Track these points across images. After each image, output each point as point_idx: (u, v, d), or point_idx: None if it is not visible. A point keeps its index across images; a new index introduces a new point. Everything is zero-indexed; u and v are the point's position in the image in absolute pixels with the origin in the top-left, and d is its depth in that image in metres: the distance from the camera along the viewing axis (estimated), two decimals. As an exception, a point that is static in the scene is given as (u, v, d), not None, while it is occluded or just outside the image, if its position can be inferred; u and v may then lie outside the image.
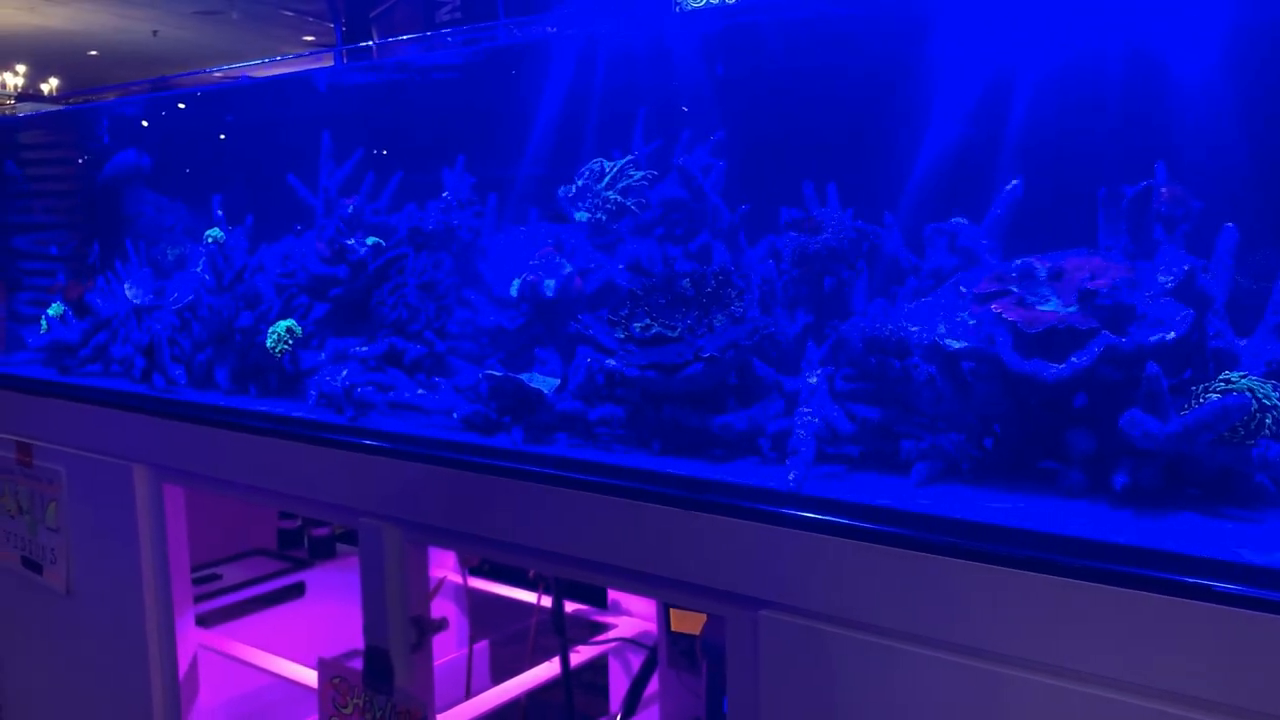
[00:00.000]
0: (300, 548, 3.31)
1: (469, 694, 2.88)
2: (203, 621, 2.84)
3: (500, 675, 3.07)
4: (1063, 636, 1.28)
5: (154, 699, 2.57)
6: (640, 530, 1.64)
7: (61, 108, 3.83)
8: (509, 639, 3.07)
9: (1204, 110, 1.71)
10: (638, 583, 1.72)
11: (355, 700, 2.11)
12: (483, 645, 3.02)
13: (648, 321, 1.79)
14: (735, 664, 1.59)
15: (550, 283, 2.03)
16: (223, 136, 2.87)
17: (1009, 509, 1.41)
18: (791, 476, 1.53)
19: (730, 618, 1.58)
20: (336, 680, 2.15)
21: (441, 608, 3.09)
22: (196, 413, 2.36)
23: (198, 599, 2.84)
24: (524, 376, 1.88)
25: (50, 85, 17.91)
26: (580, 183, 2.14)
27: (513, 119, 2.39)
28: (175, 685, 2.54)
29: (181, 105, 3.12)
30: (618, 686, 2.70)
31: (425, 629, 2.05)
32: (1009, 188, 1.70)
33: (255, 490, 2.28)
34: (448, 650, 3.11)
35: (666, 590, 1.68)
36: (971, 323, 1.55)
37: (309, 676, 2.47)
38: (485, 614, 3.03)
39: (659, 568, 1.64)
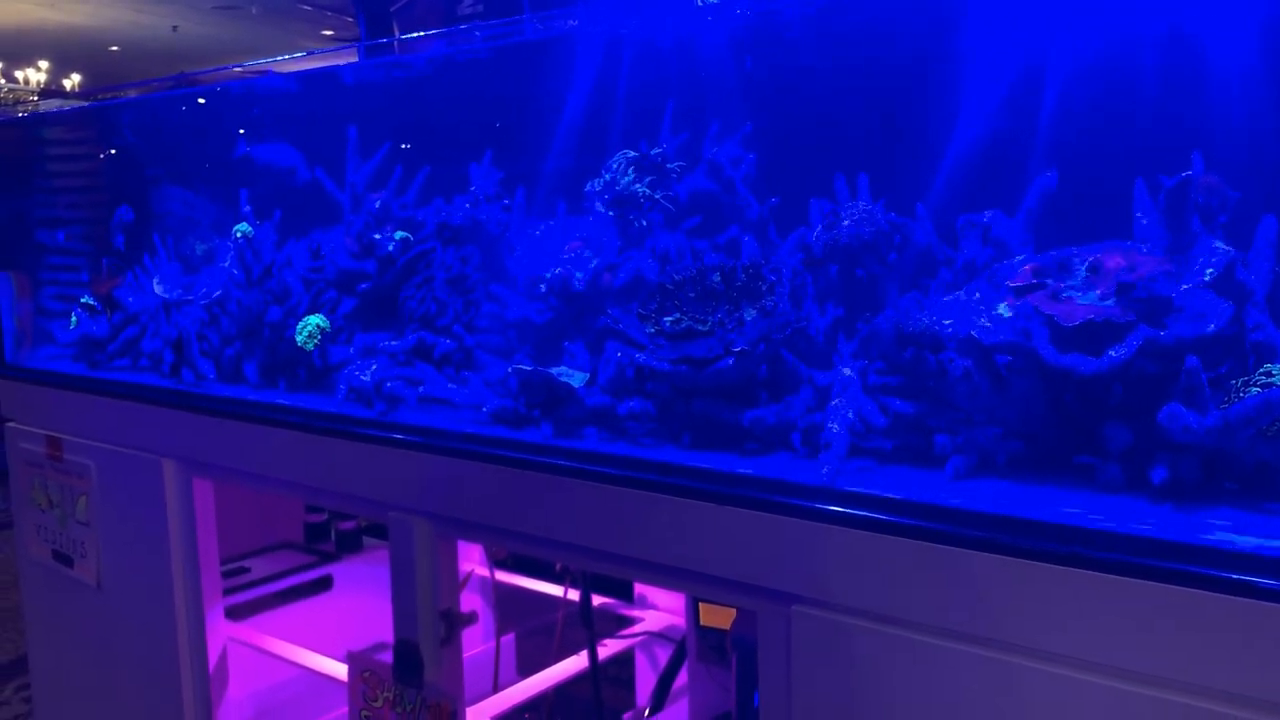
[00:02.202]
0: (327, 541, 3.33)
1: (496, 687, 2.89)
2: (231, 615, 2.85)
3: (527, 668, 3.08)
4: (1099, 632, 1.27)
5: (184, 692, 2.58)
6: (671, 524, 1.64)
7: (85, 104, 3.84)
8: (535, 632, 3.07)
9: (1241, 98, 1.69)
10: (668, 577, 1.71)
11: (385, 694, 2.12)
12: (509, 639, 3.03)
13: (678, 316, 1.79)
14: (767, 659, 1.59)
15: (579, 276, 2.03)
16: (245, 131, 2.88)
17: (1044, 504, 1.40)
18: (825, 470, 1.53)
19: (762, 613, 1.58)
20: (366, 674, 2.15)
21: (468, 601, 3.10)
22: (226, 407, 2.37)
23: (226, 592, 2.86)
24: (553, 371, 1.88)
25: (73, 81, 18.03)
26: (607, 176, 2.13)
27: (539, 112, 2.38)
28: (205, 678, 2.55)
29: (203, 100, 3.13)
30: (644, 680, 2.70)
31: (455, 623, 2.05)
32: (1042, 179, 1.69)
33: (285, 484, 2.29)
34: (474, 644, 3.12)
35: (697, 585, 1.68)
36: (1007, 316, 1.54)
37: (338, 670, 2.48)
38: (511, 607, 3.04)
39: (690, 562, 1.64)
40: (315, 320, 2.29)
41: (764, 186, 2.07)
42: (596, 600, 2.62)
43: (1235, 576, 1.18)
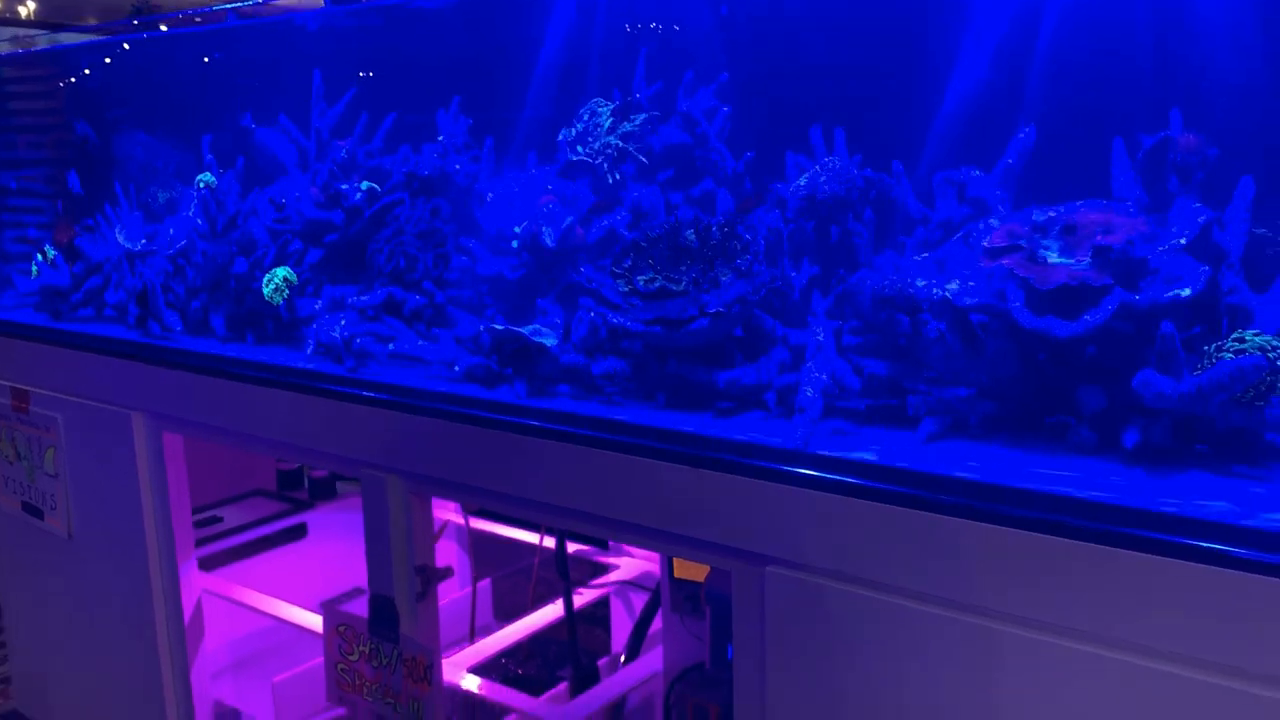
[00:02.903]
0: (300, 488, 3.32)
1: (473, 632, 2.91)
2: (205, 565, 2.85)
3: (503, 613, 3.11)
4: (1065, 596, 1.28)
5: (159, 643, 2.59)
6: (645, 486, 1.64)
7: (38, 48, 3.71)
8: (511, 577, 3.10)
9: (1221, 53, 1.67)
10: (643, 537, 1.72)
11: (361, 648, 2.13)
12: (485, 584, 3.05)
13: (651, 275, 1.77)
14: (741, 618, 1.60)
15: (550, 231, 1.99)
16: (210, 75, 2.80)
17: (1017, 467, 1.41)
18: (799, 434, 1.52)
19: (736, 572, 1.59)
20: (342, 628, 2.16)
21: (444, 548, 3.11)
22: (195, 361, 2.33)
23: (199, 542, 2.85)
24: (526, 330, 1.86)
25: (28, 9, 17.45)
26: (580, 126, 2.09)
27: (509, 58, 2.32)
28: (180, 630, 2.56)
29: (168, 42, 3.04)
30: (619, 626, 2.73)
31: (430, 578, 2.06)
32: (1021, 136, 1.67)
33: (257, 440, 2.27)
34: (451, 590, 3.14)
35: (672, 545, 1.69)
36: (983, 278, 1.53)
37: (314, 621, 2.49)
38: (487, 553, 3.05)
39: (664, 523, 1.64)
40: (282, 273, 2.25)
41: (738, 138, 2.04)
42: (572, 548, 2.63)
43: (1204, 545, 1.20)
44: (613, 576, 2.65)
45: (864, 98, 1.89)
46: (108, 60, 3.18)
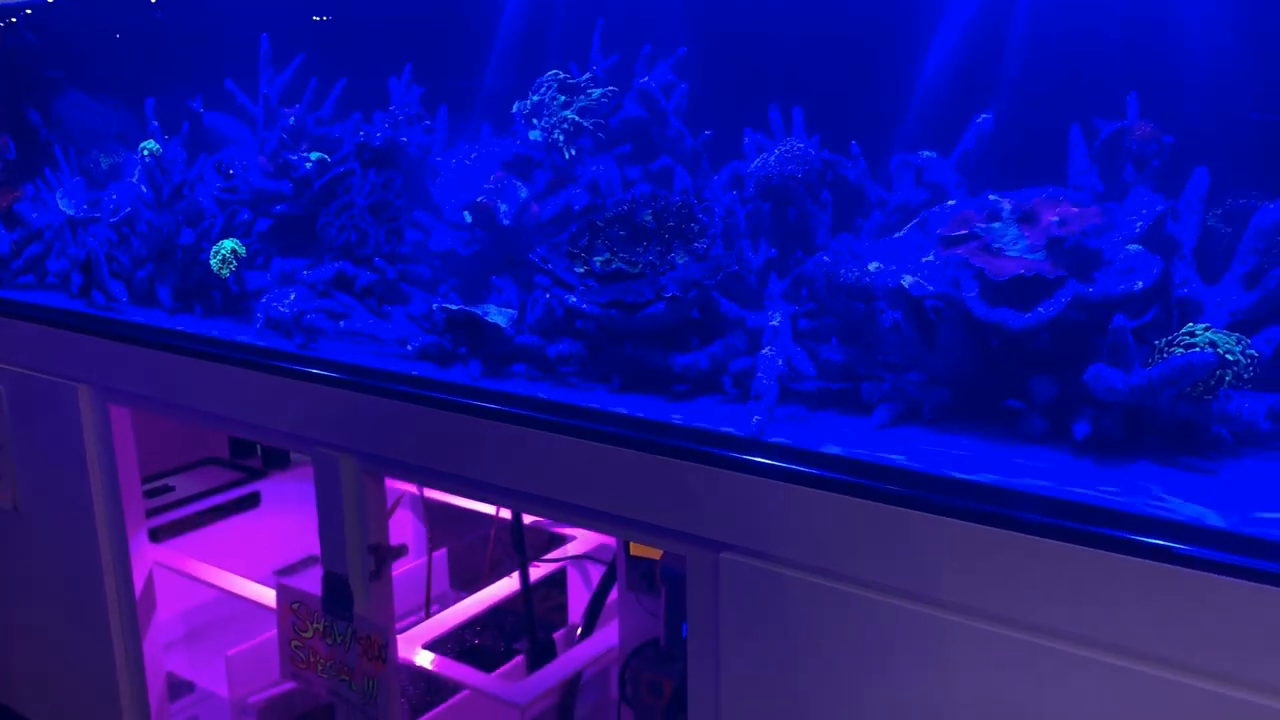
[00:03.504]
0: (254, 456, 3.28)
1: (428, 602, 2.91)
2: (157, 535, 2.82)
3: (459, 582, 3.11)
4: (1011, 587, 1.30)
5: (110, 616, 2.56)
6: (600, 470, 1.63)
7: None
8: (467, 547, 3.09)
9: (1178, 38, 1.67)
10: (597, 521, 1.71)
11: (315, 625, 2.12)
12: (441, 554, 3.04)
13: (608, 255, 1.75)
14: (695, 602, 1.60)
15: (505, 207, 1.96)
16: (154, 38, 2.70)
17: (968, 456, 1.42)
18: (755, 420, 1.52)
19: (691, 558, 1.59)
20: (296, 606, 2.15)
21: (399, 517, 3.09)
22: (142, 334, 2.28)
23: (150, 513, 2.82)
24: (480, 310, 1.83)
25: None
26: (535, 98, 2.05)
27: (462, 25, 2.27)
28: (132, 604, 2.53)
29: (110, 2, 2.93)
30: (576, 597, 2.74)
31: (384, 557, 2.04)
32: (979, 120, 1.66)
33: (206, 415, 2.23)
34: (407, 560, 3.13)
35: (626, 529, 1.69)
36: (938, 265, 1.52)
37: (267, 595, 2.47)
38: (443, 523, 3.04)
39: (619, 508, 1.64)
40: (229, 245, 2.20)
41: (697, 113, 2.01)
42: (528, 519, 2.63)
43: (1153, 541, 1.21)
44: (569, 549, 2.65)
45: (824, 77, 1.87)
46: (47, 19, 3.07)
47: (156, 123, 2.42)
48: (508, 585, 2.53)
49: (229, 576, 2.59)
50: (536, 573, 2.58)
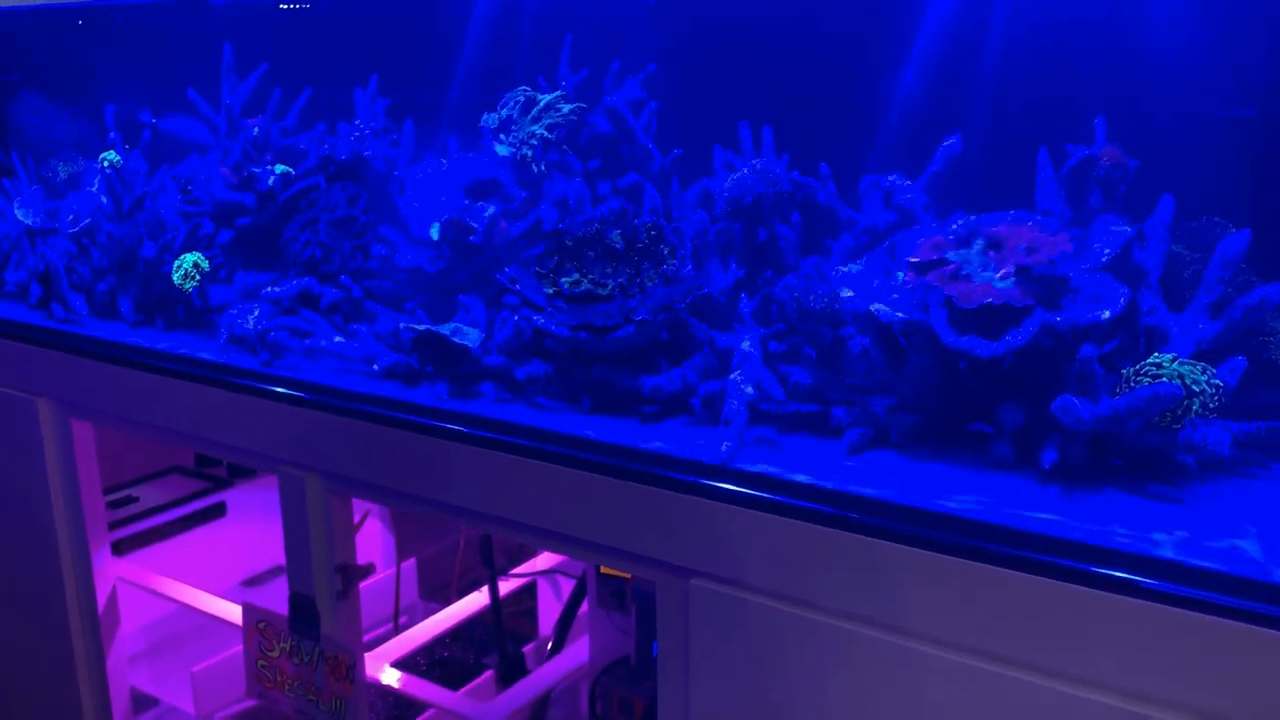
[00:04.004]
0: (219, 465, 3.24)
1: (397, 613, 2.89)
2: (121, 548, 2.77)
3: (428, 592, 3.09)
4: (977, 617, 1.30)
5: (73, 633, 2.52)
6: (568, 495, 1.62)
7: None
8: (436, 556, 3.07)
9: (1146, 62, 1.67)
10: (566, 545, 1.70)
11: (282, 645, 2.10)
12: (410, 564, 3.02)
13: (577, 277, 1.73)
14: (666, 626, 1.60)
15: (473, 224, 1.94)
16: (114, 44, 2.65)
17: (936, 484, 1.42)
18: (724, 447, 1.51)
19: (661, 584, 1.59)
20: (262, 625, 2.12)
21: (367, 526, 3.06)
22: (104, 350, 2.24)
23: (114, 525, 2.77)
24: (447, 330, 1.81)
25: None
26: (504, 113, 2.03)
27: (430, 36, 2.24)
28: (95, 620, 2.49)
29: (70, 9, 2.87)
30: (547, 609, 2.73)
31: (351, 576, 2.02)
32: (947, 144, 1.66)
33: (170, 432, 2.20)
34: (375, 569, 3.10)
35: (596, 554, 1.67)
36: (906, 290, 1.52)
37: (233, 612, 2.44)
38: (411, 532, 3.01)
39: (587, 533, 1.63)
40: (192, 258, 2.16)
41: (666, 127, 2.00)
42: (497, 531, 2.61)
43: (1118, 574, 1.22)
44: (538, 563, 2.64)
45: (794, 96, 1.86)
46: (3, 23, 3.01)
47: (117, 133, 2.37)
48: (477, 600, 2.51)
49: (194, 592, 2.55)
50: (506, 586, 2.56)
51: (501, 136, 2.01)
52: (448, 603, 2.72)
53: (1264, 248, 1.48)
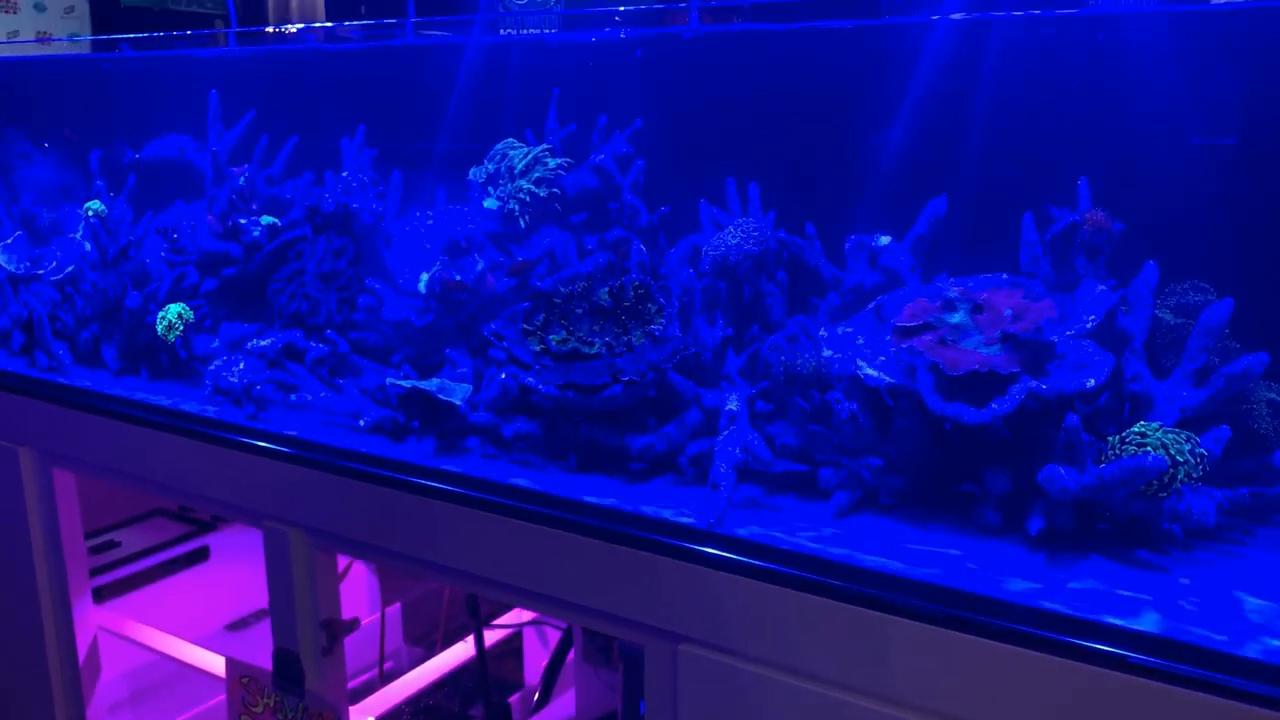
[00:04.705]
0: (202, 507, 3.21)
1: (382, 659, 2.87)
2: (103, 594, 2.75)
3: (413, 637, 3.07)
4: (964, 687, 1.30)
5: (53, 683, 2.49)
6: (555, 557, 1.61)
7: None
8: (421, 601, 3.05)
9: (1129, 123, 1.69)
10: (553, 607, 1.69)
11: (266, 700, 2.08)
12: (395, 609, 3.00)
13: (564, 335, 1.73)
14: (654, 692, 1.59)
15: (460, 279, 1.94)
16: (104, 95, 2.65)
17: (924, 551, 1.42)
18: (712, 512, 1.51)
19: (649, 648, 1.58)
20: (246, 680, 2.10)
21: (352, 572, 3.04)
22: (87, 400, 2.23)
23: (95, 571, 2.74)
24: (434, 386, 1.81)
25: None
26: (491, 166, 2.03)
27: (418, 85, 2.25)
28: (75, 670, 2.46)
29: (59, 63, 2.87)
30: (533, 658, 2.72)
31: (336, 632, 2.01)
32: (932, 204, 1.67)
33: (154, 484, 2.18)
34: (360, 615, 3.08)
35: (583, 616, 1.66)
36: (893, 354, 1.53)
37: (215, 663, 2.42)
38: (396, 577, 2.99)
39: (575, 595, 1.62)
40: (176, 309, 2.15)
41: (652, 182, 2.00)
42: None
43: (1106, 649, 1.22)
44: (525, 612, 2.62)
45: (780, 153, 1.87)
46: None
47: (102, 180, 2.36)
48: (462, 650, 2.49)
49: (176, 642, 2.53)
50: (493, 635, 2.55)
51: (489, 190, 2.01)
52: (433, 648, 2.71)
53: (1244, 313, 1.49)
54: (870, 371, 1.49)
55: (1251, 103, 1.64)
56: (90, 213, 2.27)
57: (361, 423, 1.90)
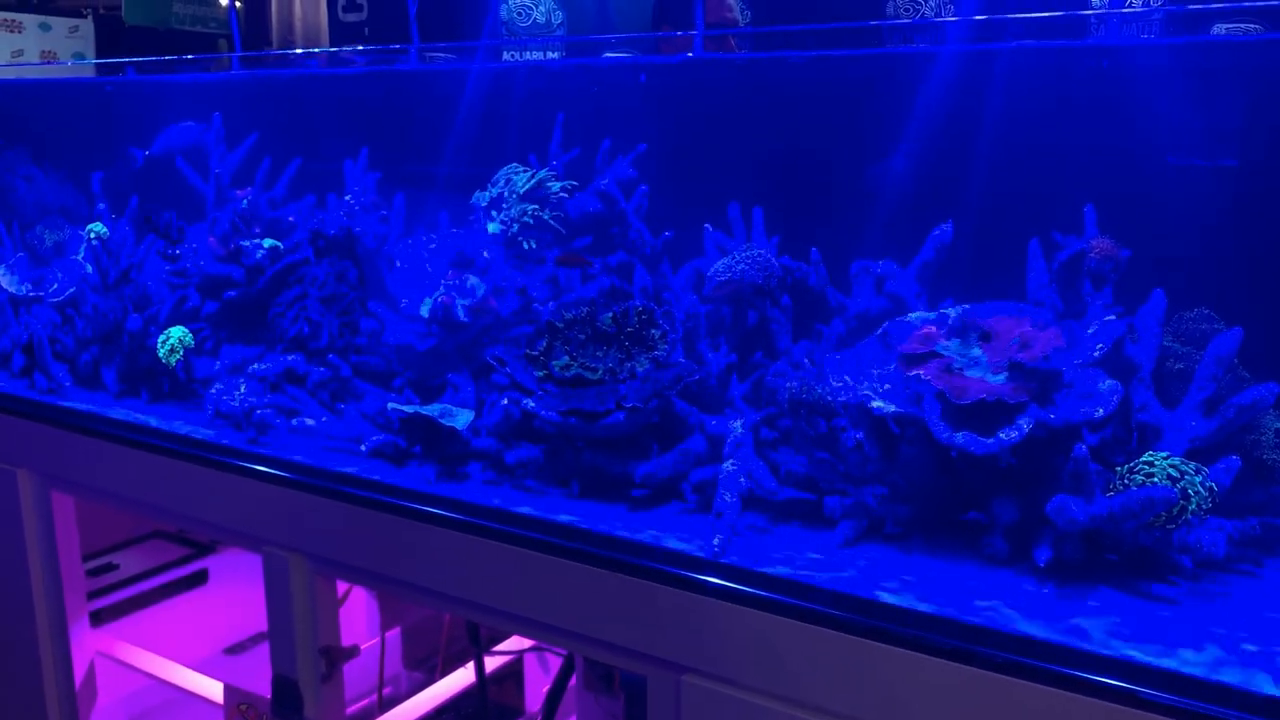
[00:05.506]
0: (201, 529, 3.19)
1: (381, 683, 2.84)
2: (100, 618, 2.72)
3: (413, 661, 3.04)
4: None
5: (49, 709, 2.46)
6: (557, 585, 1.60)
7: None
8: (421, 625, 3.02)
9: (1138, 152, 1.69)
10: (555, 636, 1.67)
11: (264, 728, 2.06)
12: (394, 633, 2.97)
13: (567, 360, 1.72)
14: (657, 721, 1.57)
15: (464, 304, 1.93)
16: (105, 114, 2.65)
17: (931, 583, 1.40)
18: (716, 541, 1.50)
19: (652, 677, 1.56)
20: (244, 707, 2.08)
21: (351, 596, 3.02)
22: (86, 423, 2.21)
23: (93, 594, 2.72)
24: (436, 411, 1.79)
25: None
26: (495, 190, 2.03)
27: (422, 108, 2.24)
28: (72, 695, 2.44)
29: (62, 87, 2.87)
30: (534, 683, 2.69)
31: (335, 659, 1.99)
32: (938, 231, 1.66)
33: (153, 508, 2.17)
34: (360, 639, 3.05)
35: (585, 645, 1.65)
36: (899, 382, 1.52)
37: (212, 689, 2.40)
38: (396, 601, 2.96)
39: (576, 624, 1.60)
40: (177, 333, 2.14)
41: (656, 206, 2.00)
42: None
43: (1115, 684, 1.20)
44: (525, 640, 2.60)
45: (785, 178, 1.86)
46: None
47: (104, 202, 2.36)
48: (462, 677, 2.47)
49: (174, 666, 2.51)
50: (493, 661, 2.52)
51: (493, 214, 2.01)
52: (433, 673, 2.68)
53: (1252, 341, 1.48)
54: (877, 401, 1.48)
55: (1258, 131, 1.64)
56: (92, 235, 2.26)
57: (363, 447, 1.88)
